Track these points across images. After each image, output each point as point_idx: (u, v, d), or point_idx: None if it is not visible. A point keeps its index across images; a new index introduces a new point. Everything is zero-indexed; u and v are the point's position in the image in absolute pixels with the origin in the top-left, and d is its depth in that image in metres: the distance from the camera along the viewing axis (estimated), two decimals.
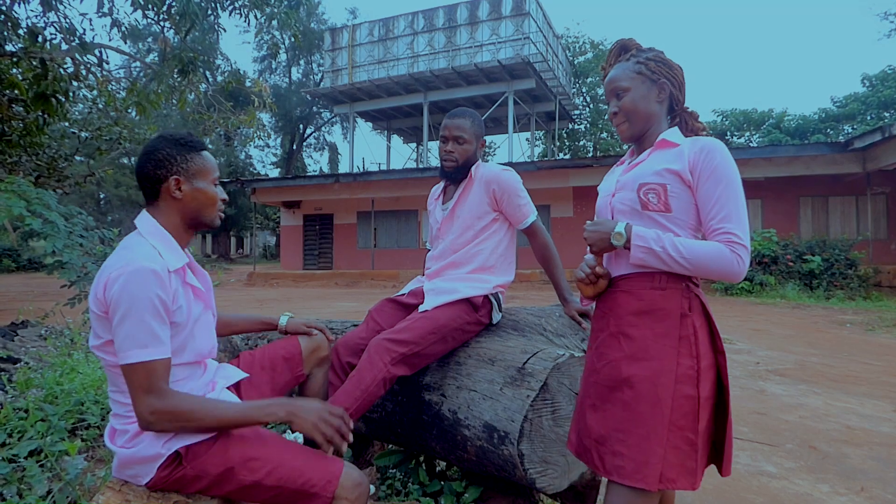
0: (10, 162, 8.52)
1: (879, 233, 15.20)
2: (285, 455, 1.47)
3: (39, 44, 5.52)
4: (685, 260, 1.36)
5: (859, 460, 3.10)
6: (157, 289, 1.37)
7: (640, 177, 1.48)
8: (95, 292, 1.40)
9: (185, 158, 1.53)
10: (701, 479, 1.38)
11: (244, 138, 24.90)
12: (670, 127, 1.57)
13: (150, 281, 1.36)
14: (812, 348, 6.59)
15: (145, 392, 1.34)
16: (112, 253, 1.47)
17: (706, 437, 1.40)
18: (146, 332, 1.35)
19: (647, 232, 1.41)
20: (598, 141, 33.97)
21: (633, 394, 1.38)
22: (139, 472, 1.45)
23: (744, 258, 1.35)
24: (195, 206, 1.55)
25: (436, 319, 2.11)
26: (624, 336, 1.45)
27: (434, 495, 2.22)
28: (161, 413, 1.34)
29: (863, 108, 27.47)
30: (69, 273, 3.99)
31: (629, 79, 1.54)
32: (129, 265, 1.36)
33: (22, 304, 7.55)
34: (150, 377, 1.34)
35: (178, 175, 1.52)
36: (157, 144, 1.53)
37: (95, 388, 2.68)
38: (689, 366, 1.37)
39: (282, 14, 6.81)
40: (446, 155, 2.32)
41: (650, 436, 1.34)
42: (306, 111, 37.93)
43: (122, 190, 26.72)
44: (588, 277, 1.51)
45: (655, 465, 1.32)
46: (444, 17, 23.78)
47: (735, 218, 1.38)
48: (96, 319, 1.41)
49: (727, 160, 1.42)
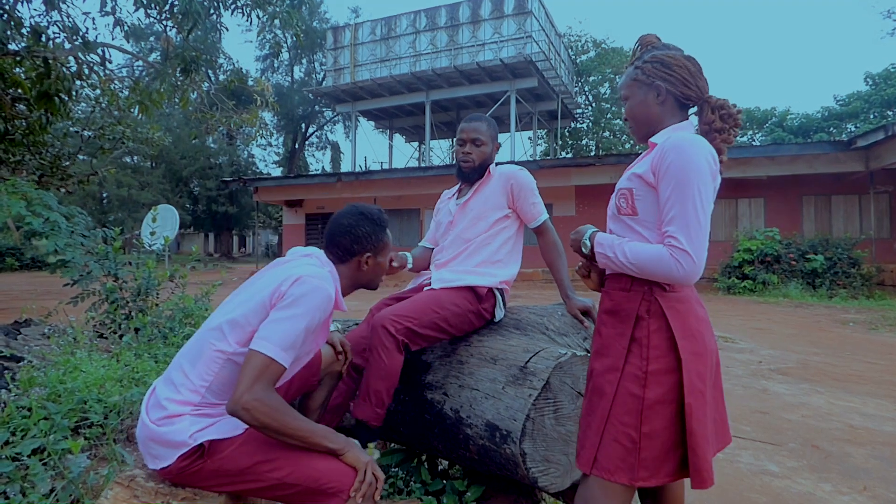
0: (13, 161, 8.53)
1: (882, 232, 15.15)
2: (304, 456, 1.50)
3: (42, 43, 5.53)
4: (631, 264, 1.43)
5: (862, 459, 3.09)
6: (324, 315, 1.55)
7: (621, 181, 1.56)
8: (280, 284, 1.52)
9: (378, 238, 1.77)
10: (655, 481, 1.37)
11: (246, 137, 24.96)
12: (683, 121, 1.56)
13: (327, 306, 1.55)
14: (815, 347, 6.57)
15: (256, 380, 1.40)
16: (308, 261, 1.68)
17: (664, 441, 1.37)
18: (294, 339, 1.47)
19: (605, 238, 1.51)
20: (601, 140, 33.91)
21: (591, 386, 1.51)
22: (160, 455, 1.49)
23: (683, 262, 1.35)
24: (371, 276, 1.81)
25: (437, 296, 2.18)
26: (597, 333, 1.56)
27: (436, 494, 2.22)
28: (264, 403, 1.39)
29: (866, 106, 27.40)
30: (71, 272, 4.00)
31: (627, 86, 1.61)
32: (326, 284, 1.55)
33: (25, 303, 7.57)
34: (268, 373, 1.42)
35: (371, 252, 1.76)
36: (358, 221, 1.74)
37: (98, 386, 2.69)
38: (637, 366, 1.40)
39: (284, 13, 6.81)
40: (464, 156, 2.40)
41: (591, 424, 1.45)
42: (308, 110, 37.95)
43: (124, 190, 26.76)
44: (580, 271, 1.66)
45: (589, 449, 1.43)
46: (447, 15, 23.75)
47: (679, 220, 1.36)
48: (259, 307, 1.53)
49: (683, 159, 1.38)
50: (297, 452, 1.49)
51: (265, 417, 1.39)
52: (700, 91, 1.54)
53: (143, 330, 3.88)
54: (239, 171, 34.14)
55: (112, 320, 4.14)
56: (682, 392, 1.37)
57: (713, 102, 1.53)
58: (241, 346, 1.51)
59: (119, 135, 9.99)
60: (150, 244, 5.13)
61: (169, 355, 3.47)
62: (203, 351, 1.54)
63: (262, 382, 1.40)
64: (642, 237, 1.47)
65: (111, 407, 2.56)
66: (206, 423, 1.50)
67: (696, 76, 1.54)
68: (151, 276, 4.29)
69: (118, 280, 4.24)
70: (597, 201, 16.85)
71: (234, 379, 1.50)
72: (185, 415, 1.49)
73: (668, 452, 1.39)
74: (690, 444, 1.35)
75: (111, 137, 10.04)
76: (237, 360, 1.52)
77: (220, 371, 1.52)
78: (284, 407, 1.43)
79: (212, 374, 1.51)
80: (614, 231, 1.57)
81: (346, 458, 1.50)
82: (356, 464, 1.50)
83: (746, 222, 16.01)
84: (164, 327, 3.92)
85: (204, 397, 1.52)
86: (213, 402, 1.54)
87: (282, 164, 41.23)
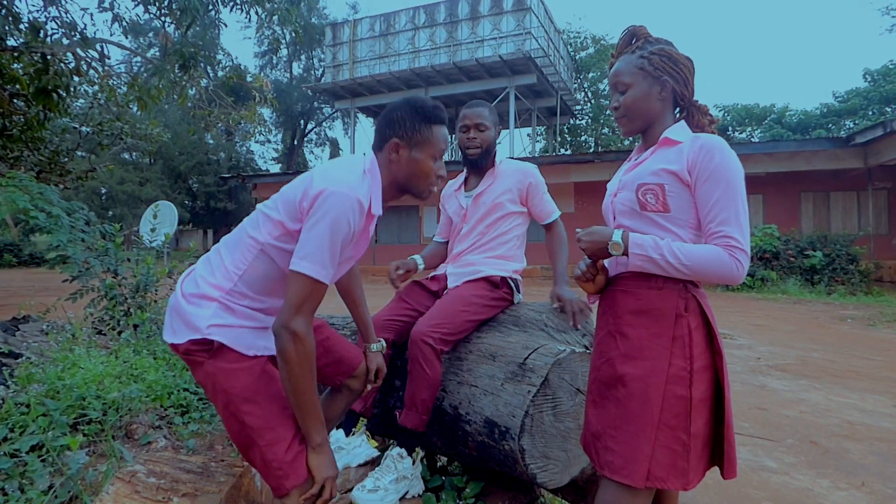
0: (11, 157, 8.52)
1: (881, 228, 15.17)
2: (282, 426, 1.48)
3: (41, 39, 5.52)
4: (684, 266, 1.35)
5: (860, 455, 3.10)
6: (356, 223, 1.42)
7: (640, 177, 1.48)
8: (306, 187, 1.45)
9: (414, 127, 1.57)
10: (698, 480, 1.38)
11: (245, 133, 24.94)
12: (677, 121, 1.54)
13: (356, 213, 1.41)
14: (813, 344, 6.59)
15: (297, 309, 1.36)
16: (336, 163, 1.55)
17: (703, 438, 1.38)
18: (329, 255, 1.39)
19: (644, 239, 1.39)
20: (600, 136, 33.86)
21: (625, 392, 1.39)
22: (177, 330, 1.49)
23: (743, 262, 1.34)
24: (406, 173, 1.60)
25: (460, 295, 2.25)
26: (621, 335, 1.45)
27: (435, 490, 2.22)
28: (298, 339, 1.36)
29: (864, 103, 27.36)
30: (71, 268, 3.99)
31: (631, 74, 1.51)
32: (352, 191, 1.40)
33: (23, 299, 7.55)
34: (308, 297, 1.38)
35: (400, 140, 1.57)
36: (398, 106, 1.60)
37: (97, 383, 2.69)
38: (681, 366, 1.36)
39: (283, 9, 6.80)
40: (469, 142, 2.43)
41: (639, 434, 1.35)
42: (307, 106, 37.85)
43: (128, 186, 26.72)
44: (585, 275, 1.52)
45: (642, 463, 1.33)
46: (446, 12, 23.69)
47: (734, 221, 1.36)
48: (288, 204, 1.47)
49: (727, 159, 1.38)
50: (280, 417, 1.47)
51: (299, 355, 1.37)
52: (691, 93, 1.55)
53: (142, 326, 3.88)
54: (237, 168, 34.05)
55: (111, 317, 4.14)
56: (718, 387, 1.39)
57: (700, 107, 1.55)
58: (271, 237, 1.49)
59: (117, 131, 9.97)
60: (151, 241, 5.12)
61: (167, 352, 3.47)
62: (241, 238, 1.54)
63: (301, 311, 1.37)
64: (673, 235, 1.43)
65: (110, 403, 2.56)
66: (227, 320, 1.48)
67: (693, 77, 1.54)
68: (150, 272, 4.28)
69: (117, 276, 4.24)
70: (595, 198, 16.81)
71: (268, 276, 1.51)
72: (214, 300, 1.48)
73: (705, 449, 1.40)
74: (728, 437, 1.39)
75: (109, 133, 10.02)
76: (270, 254, 1.50)
77: (253, 262, 1.50)
78: (313, 359, 1.41)
79: (246, 263, 1.50)
80: (631, 227, 1.49)
81: (311, 458, 1.48)
82: (316, 471, 1.47)
83: None
84: (162, 324, 3.92)
85: (236, 285, 1.51)
86: (245, 292, 1.52)
87: (280, 160, 41.15)
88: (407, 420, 2.09)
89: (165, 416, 2.75)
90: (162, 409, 2.79)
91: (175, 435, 2.63)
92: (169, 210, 12.59)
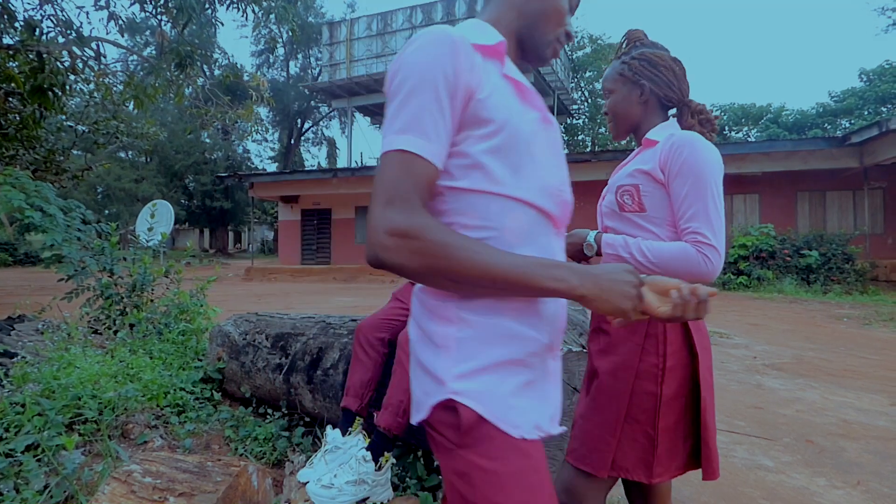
0: (7, 155, 8.49)
1: (876, 227, 15.21)
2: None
3: (36, 37, 5.50)
4: (651, 263, 1.38)
5: (856, 454, 3.11)
6: (449, 62, 0.87)
7: (619, 179, 1.52)
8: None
9: None
10: (668, 476, 1.40)
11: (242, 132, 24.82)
12: (669, 120, 1.57)
13: (442, 51, 0.87)
14: (809, 343, 6.60)
15: (387, 202, 0.82)
16: None
17: (676, 434, 1.40)
18: (412, 112, 0.86)
19: (615, 239, 1.45)
20: (597, 136, 33.93)
21: (597, 384, 1.46)
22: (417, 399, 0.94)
23: (711, 258, 1.34)
24: (531, 11, 1.06)
25: None
26: (601, 331, 1.52)
27: (431, 489, 2.22)
28: (403, 235, 0.80)
29: (860, 102, 27.47)
30: (67, 267, 3.97)
31: (613, 80, 1.58)
32: (441, 31, 0.89)
33: (19, 298, 7.53)
34: (400, 179, 0.84)
35: None
36: None
37: (93, 382, 2.68)
38: (653, 363, 1.39)
39: (279, 8, 6.78)
40: None
41: (604, 426, 1.41)
42: (304, 105, 37.82)
43: (125, 183, 26.70)
44: None
45: (606, 453, 1.40)
46: (443, 11, 23.68)
47: (703, 216, 1.36)
48: None
49: (697, 155, 1.38)
50: None
51: (417, 256, 0.81)
52: (682, 94, 1.56)
53: (138, 326, 3.87)
54: (234, 167, 34.05)
55: (107, 316, 4.12)
56: (694, 386, 1.40)
57: (693, 106, 1.56)
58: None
59: (113, 129, 9.95)
60: (147, 240, 5.11)
61: (164, 351, 3.46)
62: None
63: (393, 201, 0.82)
64: (651, 234, 1.45)
65: (105, 403, 2.55)
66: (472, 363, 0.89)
67: (680, 79, 1.55)
68: (147, 271, 4.27)
69: (113, 276, 4.22)
70: (593, 197, 16.69)
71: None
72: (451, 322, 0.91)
73: (679, 446, 1.41)
74: (704, 438, 1.39)
75: (105, 132, 10.00)
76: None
77: None
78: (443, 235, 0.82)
79: None
80: (614, 229, 1.53)
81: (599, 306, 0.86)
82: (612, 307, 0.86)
83: (741, 218, 16.06)
84: (159, 323, 3.91)
85: None
86: None
87: (277, 159, 41.13)
88: (381, 420, 2.10)
89: (162, 416, 2.74)
90: (158, 409, 2.78)
91: (171, 434, 2.62)
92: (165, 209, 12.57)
